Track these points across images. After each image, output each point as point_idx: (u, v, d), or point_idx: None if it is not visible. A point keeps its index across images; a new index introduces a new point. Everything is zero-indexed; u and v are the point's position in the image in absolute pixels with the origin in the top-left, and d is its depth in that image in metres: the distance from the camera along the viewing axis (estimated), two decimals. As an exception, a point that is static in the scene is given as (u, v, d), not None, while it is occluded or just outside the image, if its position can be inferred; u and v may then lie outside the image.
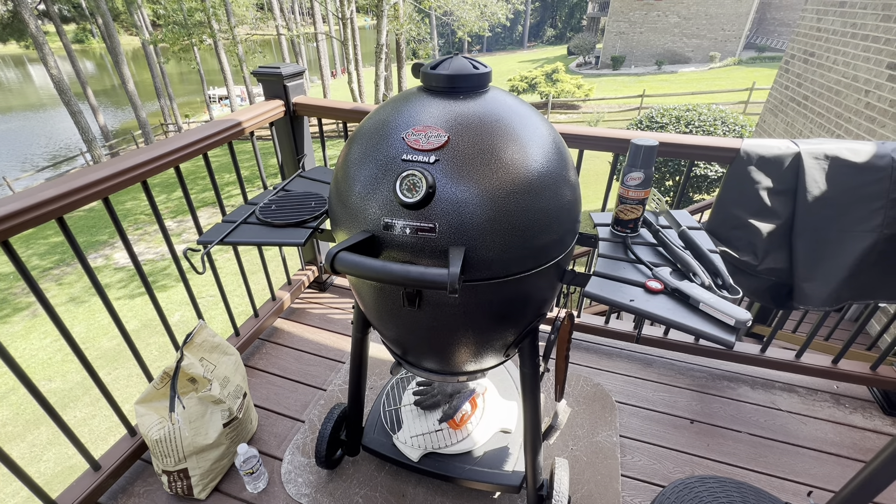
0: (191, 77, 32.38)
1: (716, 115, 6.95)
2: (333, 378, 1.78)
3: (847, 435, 1.56)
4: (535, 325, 1.00)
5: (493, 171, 0.76)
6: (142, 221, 11.37)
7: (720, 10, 20.59)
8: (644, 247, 1.00)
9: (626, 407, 1.67)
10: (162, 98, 18.49)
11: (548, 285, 0.92)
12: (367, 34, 43.19)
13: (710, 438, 1.55)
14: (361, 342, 1.20)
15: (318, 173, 1.40)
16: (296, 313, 2.11)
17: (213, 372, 1.36)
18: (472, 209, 0.75)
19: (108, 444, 5.07)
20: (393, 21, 13.91)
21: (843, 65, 4.54)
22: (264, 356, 1.88)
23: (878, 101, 3.93)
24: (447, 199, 0.76)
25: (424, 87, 0.89)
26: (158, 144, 1.33)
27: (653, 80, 19.98)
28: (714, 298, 0.77)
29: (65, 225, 1.12)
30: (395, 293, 0.87)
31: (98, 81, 32.70)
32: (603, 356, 1.88)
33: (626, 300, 0.82)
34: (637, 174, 0.96)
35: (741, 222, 1.38)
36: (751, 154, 1.33)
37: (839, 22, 4.72)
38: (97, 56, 42.78)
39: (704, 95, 15.26)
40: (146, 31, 18.80)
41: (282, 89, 1.73)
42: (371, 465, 1.44)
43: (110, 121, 21.78)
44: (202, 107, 22.99)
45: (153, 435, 1.24)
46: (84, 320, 7.80)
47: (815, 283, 1.33)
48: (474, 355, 1.01)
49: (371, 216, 0.80)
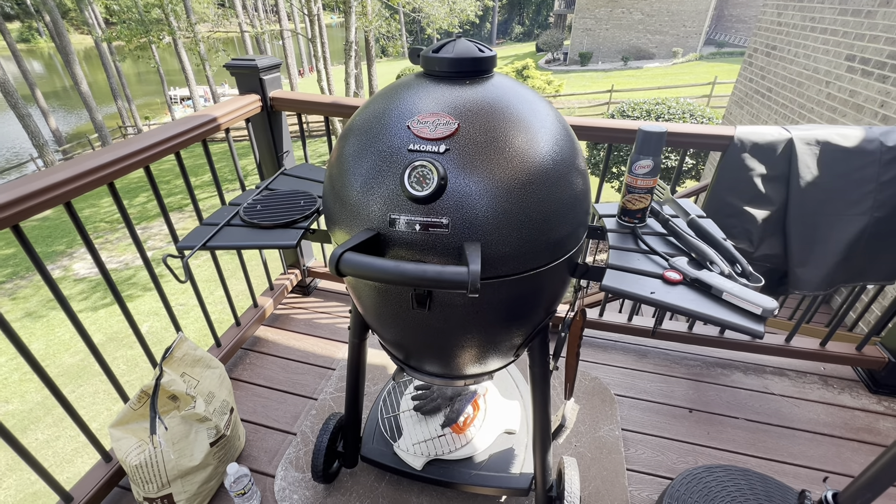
0: (150, 77, 31.02)
1: (684, 108, 7.14)
2: (324, 386, 1.69)
3: (838, 415, 1.59)
4: (545, 322, 0.96)
5: (507, 160, 0.71)
6: (102, 230, 10.80)
7: (681, 6, 21.23)
8: (654, 237, 0.97)
9: (625, 399, 1.65)
10: (119, 99, 17.61)
11: (561, 280, 0.88)
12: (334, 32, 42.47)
13: (709, 426, 1.55)
14: (359, 348, 1.13)
15: (303, 170, 1.31)
16: (280, 320, 2.01)
17: (197, 387, 1.26)
18: (487, 202, 0.70)
19: (75, 466, 4.78)
20: (361, 18, 13.66)
21: (803, 57, 4.72)
22: (249, 367, 1.78)
23: (838, 91, 4.11)
24: (459, 191, 0.70)
25: (426, 73, 0.83)
26: (126, 143, 1.22)
27: (620, 75, 20.42)
28: (738, 287, 0.75)
29: (21, 233, 1.00)
30: (401, 295, 0.81)
31: (48, 83, 30.91)
32: (598, 349, 1.87)
33: (647, 292, 0.79)
34: (646, 162, 0.93)
35: (736, 210, 1.38)
36: (745, 141, 1.33)
37: (799, 16, 4.90)
38: (46, 56, 40.38)
39: (670, 90, 15.72)
40: (98, 29, 17.82)
41: (258, 83, 1.63)
42: (370, 477, 1.37)
43: (63, 124, 20.61)
44: (163, 108, 22.03)
45: (132, 460, 1.13)
46: (43, 336, 7.34)
47: (809, 268, 1.35)
48: (483, 357, 0.95)
49: (374, 213, 0.74)
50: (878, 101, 3.58)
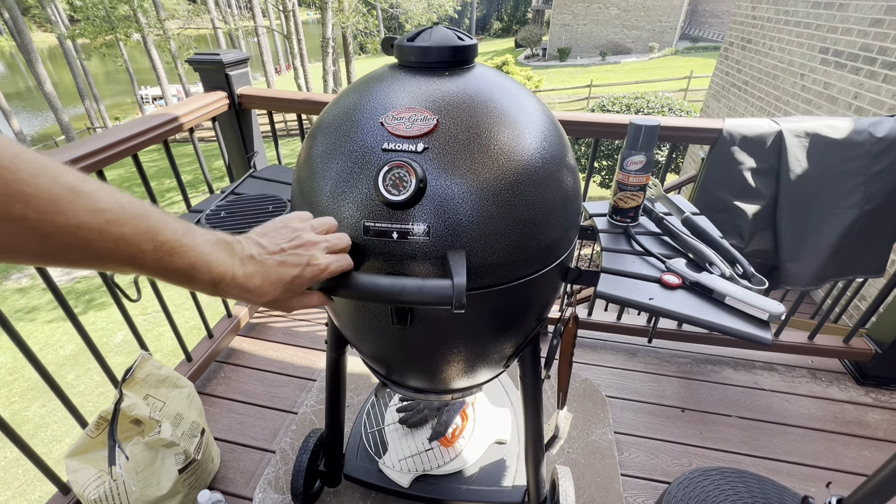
0: (119, 77, 29.96)
1: (663, 103, 7.20)
2: (304, 399, 1.61)
3: (828, 409, 1.58)
4: (537, 331, 0.90)
5: (492, 158, 0.64)
6: (72, 235, 10.38)
7: (656, 2, 21.49)
8: (648, 236, 0.92)
9: (616, 401, 1.62)
10: (87, 99, 16.93)
11: (553, 287, 0.82)
12: (311, 28, 41.69)
13: (702, 426, 1.52)
14: (337, 363, 1.05)
15: (272, 172, 1.22)
16: (256, 329, 1.91)
17: (163, 410, 1.16)
18: (471, 205, 0.63)
19: (34, 493, 4.49)
20: (338, 14, 13.40)
21: (778, 50, 4.79)
22: (223, 381, 1.68)
23: (812, 83, 4.17)
24: (440, 194, 0.63)
25: (400, 65, 0.75)
26: (76, 144, 1.11)
27: (598, 70, 20.58)
28: (741, 291, 0.70)
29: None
30: (379, 309, 0.74)
31: (10, 83, 29.59)
32: (588, 349, 1.83)
33: (645, 299, 0.73)
34: (638, 157, 0.88)
35: (726, 205, 1.35)
36: (733, 134, 1.29)
37: (773, 10, 4.97)
38: (6, 55, 38.66)
39: (648, 84, 15.89)
40: (62, 26, 17.08)
41: (223, 79, 1.52)
42: (355, 495, 1.30)
43: (28, 126, 19.72)
44: (134, 108, 21.27)
45: (90, 494, 1.03)
46: (10, 349, 7.00)
47: (801, 263, 1.32)
48: (471, 370, 0.89)
49: (347, 220, 0.66)
50: (852, 93, 3.64)
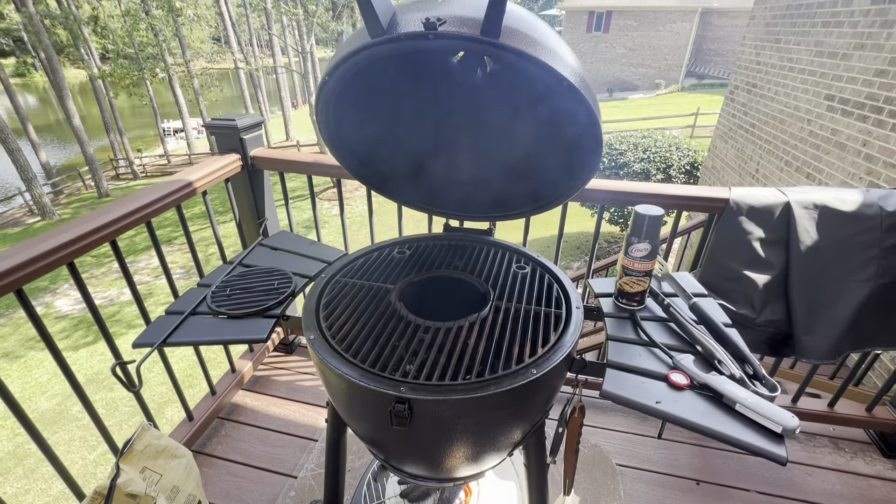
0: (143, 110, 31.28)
1: (670, 142, 7.27)
2: (304, 461, 1.57)
3: (853, 484, 1.50)
4: (542, 420, 0.87)
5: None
6: (88, 264, 10.61)
7: (662, 41, 22.11)
8: (654, 322, 0.90)
9: (627, 470, 1.55)
10: (112, 132, 17.65)
11: (560, 377, 0.80)
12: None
13: (720, 502, 1.45)
14: (337, 444, 1.03)
15: (281, 240, 1.24)
16: (259, 383, 1.89)
17: (159, 483, 1.14)
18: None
19: (43, 526, 4.45)
20: (354, 54, 13.98)
21: (784, 95, 4.84)
22: (224, 439, 1.65)
23: (819, 129, 4.18)
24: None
25: None
26: (90, 217, 1.15)
27: (606, 106, 20.96)
28: (753, 399, 0.67)
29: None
30: (377, 404, 0.73)
31: (41, 116, 31.04)
32: (597, 411, 1.77)
33: (652, 402, 0.71)
34: (643, 245, 0.87)
35: (735, 274, 1.33)
36: (740, 204, 1.29)
37: (776, 56, 5.06)
38: (40, 90, 40.72)
39: (655, 120, 16.12)
40: (94, 65, 18.03)
41: (238, 142, 1.57)
42: (353, 574, 1.24)
43: (55, 157, 20.54)
44: (156, 140, 22.09)
45: (80, 575, 1.00)
46: (19, 378, 7.04)
47: (816, 336, 1.28)
48: (473, 460, 0.86)
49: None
50: (861, 140, 3.63)
